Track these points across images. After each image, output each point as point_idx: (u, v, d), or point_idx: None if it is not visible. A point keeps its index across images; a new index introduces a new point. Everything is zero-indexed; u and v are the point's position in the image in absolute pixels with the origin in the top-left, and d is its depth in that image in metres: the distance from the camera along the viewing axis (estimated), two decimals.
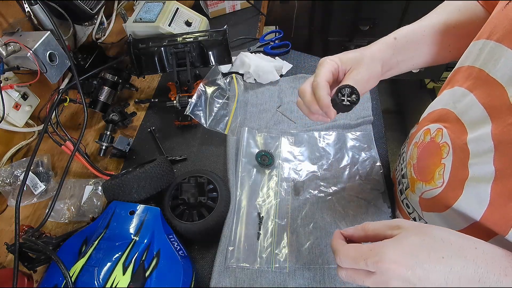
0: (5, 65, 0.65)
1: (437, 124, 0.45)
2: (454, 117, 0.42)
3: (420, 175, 0.48)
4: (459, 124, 0.40)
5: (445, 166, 0.41)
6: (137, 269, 0.44)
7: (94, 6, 0.78)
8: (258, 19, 1.08)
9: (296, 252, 0.58)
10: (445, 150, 0.42)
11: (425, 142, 0.47)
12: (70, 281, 0.42)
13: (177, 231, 0.56)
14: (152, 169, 0.56)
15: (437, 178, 0.43)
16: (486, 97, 0.37)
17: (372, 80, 0.48)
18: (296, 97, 0.80)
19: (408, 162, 0.53)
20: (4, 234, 0.66)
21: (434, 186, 0.44)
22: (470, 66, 0.41)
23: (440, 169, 0.42)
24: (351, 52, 0.48)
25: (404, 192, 0.54)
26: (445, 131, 0.43)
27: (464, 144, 0.38)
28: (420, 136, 0.50)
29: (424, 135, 0.48)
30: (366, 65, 0.47)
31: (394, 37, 0.50)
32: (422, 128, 0.50)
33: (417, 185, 0.48)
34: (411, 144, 0.53)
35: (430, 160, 0.45)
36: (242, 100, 0.81)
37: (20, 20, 0.72)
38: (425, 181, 0.46)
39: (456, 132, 0.40)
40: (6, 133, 0.72)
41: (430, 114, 0.49)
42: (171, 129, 0.80)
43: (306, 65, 0.89)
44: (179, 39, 0.77)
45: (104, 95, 0.80)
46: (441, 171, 0.42)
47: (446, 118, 0.44)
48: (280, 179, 0.67)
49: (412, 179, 0.50)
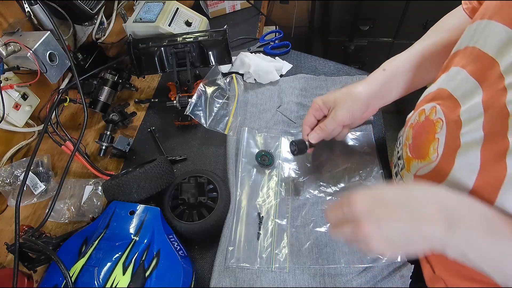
0: (5, 65, 0.65)
1: (432, 103, 0.47)
2: (448, 94, 0.43)
3: (415, 153, 0.49)
4: (452, 99, 0.42)
5: (439, 140, 0.43)
6: (137, 269, 0.44)
7: (94, 6, 0.78)
8: (258, 19, 1.08)
9: (296, 252, 0.58)
10: (439, 125, 0.43)
11: (420, 121, 0.49)
12: (70, 281, 0.42)
13: (177, 231, 0.56)
14: (152, 169, 0.56)
15: (431, 153, 0.44)
16: (477, 71, 0.39)
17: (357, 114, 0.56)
18: (296, 97, 0.80)
19: (404, 143, 0.54)
20: (4, 234, 0.66)
21: (429, 162, 0.44)
22: (465, 47, 0.44)
23: (434, 144, 0.44)
24: (337, 91, 0.57)
25: (400, 173, 0.55)
26: (439, 107, 0.44)
27: (457, 116, 0.40)
28: (415, 118, 0.51)
29: (419, 115, 0.50)
30: (345, 105, 0.55)
31: (383, 68, 0.57)
32: (417, 110, 0.52)
33: (413, 164, 0.49)
34: (407, 127, 0.55)
35: (424, 138, 0.46)
36: (242, 100, 0.81)
37: (20, 20, 0.72)
38: (420, 158, 0.47)
39: (450, 107, 0.42)
40: (6, 133, 0.72)
41: (426, 97, 0.51)
42: (171, 129, 0.80)
43: (306, 65, 0.89)
44: (179, 39, 0.77)
45: (104, 95, 0.80)
46: (435, 146, 0.43)
47: (440, 96, 0.45)
48: (280, 179, 0.67)
49: (407, 159, 0.51)
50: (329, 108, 0.56)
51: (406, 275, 0.53)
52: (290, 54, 0.92)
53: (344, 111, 0.54)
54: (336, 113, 0.54)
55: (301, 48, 0.95)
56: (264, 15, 1.11)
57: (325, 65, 0.88)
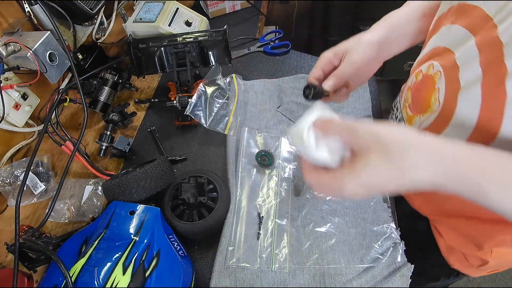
0: (5, 65, 0.65)
1: (428, 62, 0.47)
2: (443, 48, 0.45)
3: (416, 109, 0.50)
4: (447, 51, 0.43)
5: (439, 89, 0.44)
6: (137, 269, 0.44)
7: (94, 6, 0.78)
8: (258, 19, 1.08)
9: (296, 252, 0.58)
10: (437, 76, 0.44)
11: (418, 81, 0.50)
12: (70, 281, 0.42)
13: (177, 231, 0.56)
14: (152, 169, 0.56)
15: (433, 103, 0.45)
16: (467, 21, 0.41)
17: (369, 61, 0.52)
18: (296, 97, 0.80)
19: (403, 106, 0.55)
20: (4, 234, 0.66)
21: (431, 112, 0.45)
22: (449, 8, 0.45)
23: (435, 94, 0.44)
24: (349, 40, 0.54)
25: None
26: (436, 62, 0.45)
27: (453, 62, 0.41)
28: (412, 80, 0.52)
29: (416, 76, 0.51)
30: (358, 50, 0.52)
31: (384, 20, 0.56)
32: (413, 73, 0.53)
33: (415, 120, 0.50)
34: (404, 91, 0.56)
35: (425, 92, 0.47)
36: (242, 100, 0.81)
37: (20, 20, 0.72)
38: (422, 112, 0.48)
39: (446, 58, 0.43)
40: (6, 133, 0.72)
41: (419, 61, 0.52)
42: (171, 129, 0.80)
43: (306, 65, 0.88)
44: (179, 39, 0.77)
45: (104, 95, 0.80)
46: (436, 96, 0.44)
47: (434, 54, 0.46)
48: (280, 179, 0.67)
49: (409, 117, 0.52)
50: (341, 57, 0.53)
51: (406, 275, 0.54)
52: (290, 54, 0.92)
53: (360, 54, 0.52)
54: (351, 57, 0.51)
55: (301, 48, 0.95)
56: (264, 15, 1.11)
57: None
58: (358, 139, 0.35)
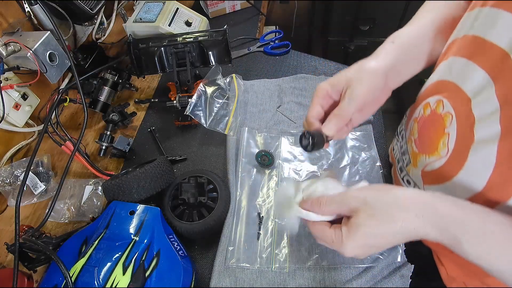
0: (5, 65, 0.65)
1: (436, 96, 0.44)
2: (454, 86, 0.41)
3: (422, 148, 0.47)
4: (460, 92, 0.39)
5: (450, 135, 0.41)
6: (137, 269, 0.44)
7: (94, 6, 0.78)
8: (258, 19, 1.08)
9: (296, 252, 0.58)
10: (448, 119, 0.41)
11: (426, 115, 0.46)
12: (70, 281, 0.42)
13: (177, 231, 0.56)
14: (152, 169, 0.56)
15: (441, 148, 0.42)
16: (486, 62, 0.36)
17: (375, 94, 0.45)
18: (296, 97, 0.80)
19: (408, 138, 0.52)
20: (4, 234, 0.66)
21: (438, 157, 0.42)
22: (464, 35, 0.41)
23: (444, 138, 0.42)
24: (347, 70, 0.46)
25: (405, 169, 0.53)
26: (446, 101, 0.42)
27: (468, 110, 0.37)
28: (419, 111, 0.48)
29: (424, 109, 0.47)
30: (362, 82, 0.44)
31: (392, 41, 0.48)
32: (420, 103, 0.49)
33: (420, 159, 0.47)
34: (411, 120, 0.52)
35: (432, 132, 0.44)
36: (242, 100, 0.81)
37: (20, 20, 0.72)
38: (428, 153, 0.45)
39: (458, 100, 0.39)
40: (6, 133, 0.72)
41: (428, 89, 0.49)
42: (171, 129, 0.80)
43: (306, 65, 0.89)
44: (179, 39, 0.77)
45: (104, 95, 0.80)
46: (445, 141, 0.41)
47: (445, 89, 0.43)
48: (280, 179, 0.67)
49: (414, 154, 0.49)
50: (341, 90, 0.45)
51: (406, 275, 0.53)
52: (290, 54, 0.92)
53: (364, 88, 0.44)
54: (354, 92, 0.43)
55: (301, 48, 0.95)
56: (264, 15, 1.11)
57: (325, 65, 0.88)
58: (347, 206, 0.39)
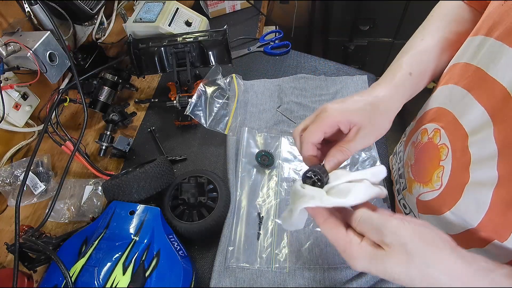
0: (5, 65, 0.65)
1: (434, 124, 0.44)
2: (452, 117, 0.40)
3: (417, 176, 0.47)
4: (458, 125, 0.38)
5: (444, 169, 0.40)
6: (137, 269, 0.44)
7: (94, 6, 0.78)
8: (258, 19, 1.08)
9: (296, 252, 0.58)
10: (443, 152, 0.41)
11: (423, 142, 0.47)
12: (70, 281, 0.42)
13: (177, 231, 0.56)
14: (152, 169, 0.56)
15: (435, 181, 0.42)
16: (486, 98, 0.35)
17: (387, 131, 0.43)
18: (296, 97, 0.80)
19: (405, 162, 0.52)
20: (4, 234, 0.66)
21: (432, 189, 0.43)
22: (466, 63, 0.40)
23: (438, 171, 0.41)
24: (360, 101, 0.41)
25: (401, 193, 0.54)
26: (443, 132, 0.41)
27: (465, 147, 0.36)
28: (417, 136, 0.49)
29: (421, 135, 0.47)
30: (376, 124, 0.41)
31: (409, 72, 0.45)
32: (419, 128, 0.49)
33: (415, 186, 0.48)
34: (409, 144, 0.52)
35: (428, 162, 0.44)
36: (242, 100, 0.81)
37: (20, 20, 0.72)
38: (423, 183, 0.45)
39: (456, 134, 0.39)
40: (6, 133, 0.72)
41: (427, 113, 0.48)
42: (171, 129, 0.80)
43: (306, 65, 0.89)
44: (179, 39, 0.77)
45: (104, 95, 0.80)
46: (439, 174, 0.41)
47: (443, 118, 0.42)
48: (280, 179, 0.67)
49: (409, 180, 0.50)
50: (351, 124, 0.41)
51: None
52: (290, 54, 0.92)
53: (377, 133, 0.41)
54: (367, 136, 0.40)
55: (301, 48, 0.95)
56: (264, 15, 1.11)
57: (325, 65, 0.88)
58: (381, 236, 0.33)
